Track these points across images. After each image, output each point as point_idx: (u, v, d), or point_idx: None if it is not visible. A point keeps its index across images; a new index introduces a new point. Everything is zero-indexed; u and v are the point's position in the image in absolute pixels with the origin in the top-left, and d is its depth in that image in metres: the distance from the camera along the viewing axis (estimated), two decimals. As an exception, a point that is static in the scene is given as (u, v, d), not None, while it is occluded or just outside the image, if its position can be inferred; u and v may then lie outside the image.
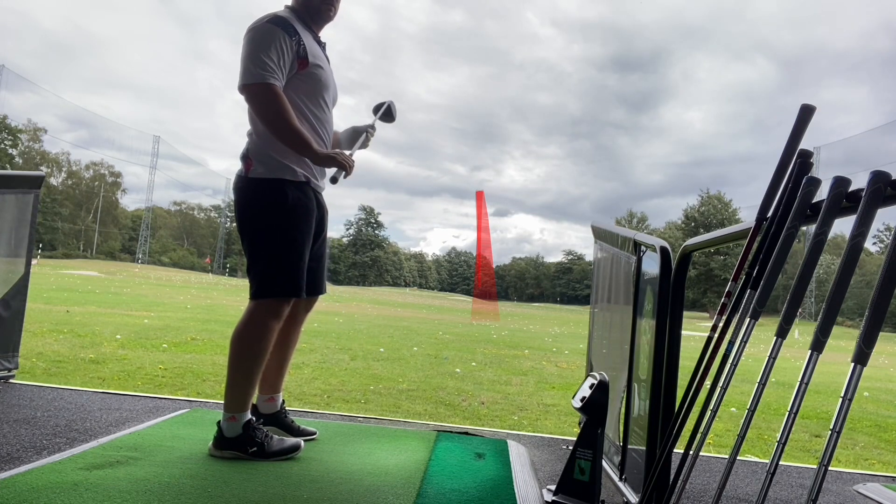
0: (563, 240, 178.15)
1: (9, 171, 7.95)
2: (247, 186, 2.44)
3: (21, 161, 61.08)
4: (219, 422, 2.40)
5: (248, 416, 2.40)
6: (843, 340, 20.93)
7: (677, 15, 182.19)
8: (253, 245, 2.46)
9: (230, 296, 23.19)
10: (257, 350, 2.41)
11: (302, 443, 2.49)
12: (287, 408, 2.83)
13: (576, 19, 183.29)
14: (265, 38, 2.34)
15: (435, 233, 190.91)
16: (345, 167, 2.49)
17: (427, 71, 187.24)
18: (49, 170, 68.32)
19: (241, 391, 2.39)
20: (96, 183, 76.58)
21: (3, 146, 58.40)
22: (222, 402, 2.45)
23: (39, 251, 48.20)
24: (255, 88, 2.31)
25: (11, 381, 3.56)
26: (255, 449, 2.35)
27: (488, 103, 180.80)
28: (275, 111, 2.32)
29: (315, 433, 2.78)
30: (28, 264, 3.67)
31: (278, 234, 2.42)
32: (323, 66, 2.52)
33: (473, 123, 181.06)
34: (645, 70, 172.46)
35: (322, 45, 2.60)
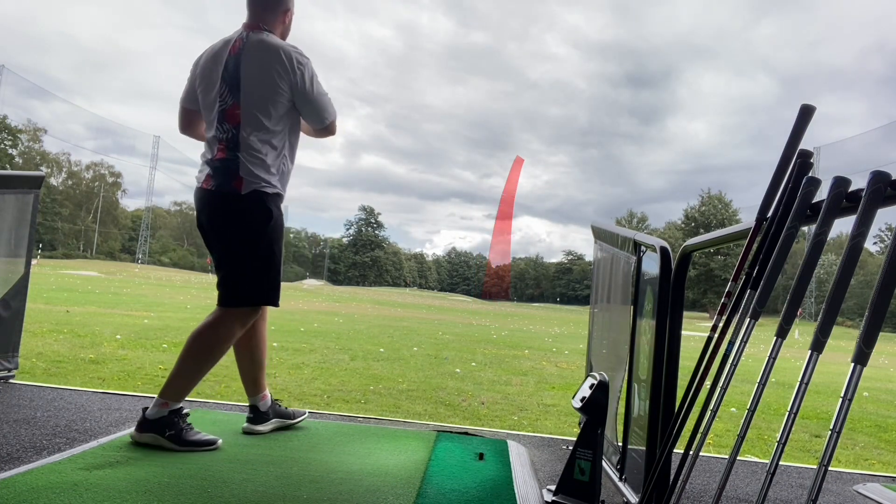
0: (567, 242, 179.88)
1: (9, 171, 7.94)
2: (237, 201, 2.50)
3: (21, 161, 61.03)
4: (144, 408, 2.46)
5: (179, 406, 2.48)
6: (843, 340, 20.93)
7: (687, 36, 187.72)
8: (239, 257, 2.55)
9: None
10: (215, 353, 2.53)
11: (220, 440, 2.50)
12: (288, 408, 2.87)
13: (595, 41, 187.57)
14: (316, 74, 2.62)
15: (441, 235, 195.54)
16: None
17: (445, 85, 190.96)
18: (49, 170, 68.28)
19: (184, 384, 2.49)
20: (96, 183, 76.57)
21: (3, 146, 58.34)
22: (223, 402, 2.47)
23: (39, 251, 48.18)
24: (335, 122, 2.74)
25: (11, 381, 3.56)
26: (172, 433, 2.41)
27: (501, 115, 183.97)
28: None
29: (305, 413, 3.01)
30: (28, 264, 3.66)
31: (267, 247, 2.57)
32: None
33: (485, 133, 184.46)
34: (656, 87, 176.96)
35: None
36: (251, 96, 2.50)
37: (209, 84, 2.56)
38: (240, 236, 2.54)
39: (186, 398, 2.52)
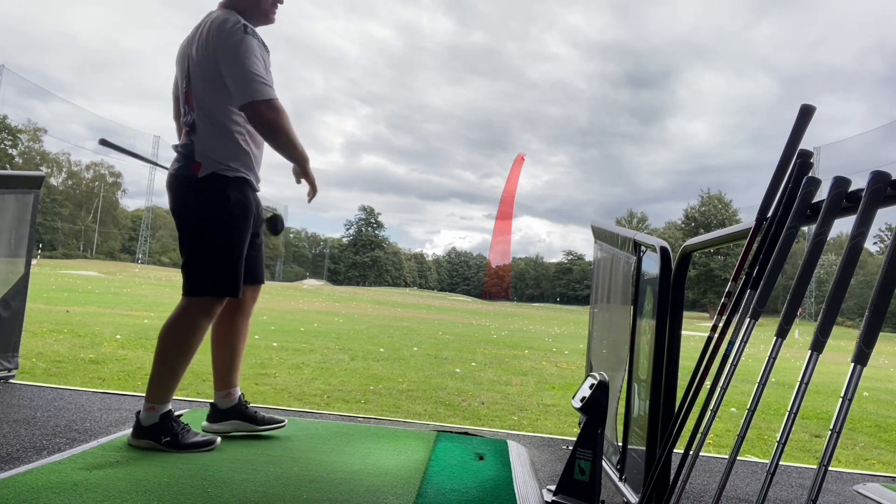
0: (567, 242, 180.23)
1: (9, 171, 7.95)
2: (193, 185, 2.43)
3: (21, 161, 61.04)
4: (138, 412, 2.42)
5: (168, 408, 2.43)
6: (843, 340, 20.93)
7: (687, 36, 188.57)
8: (195, 243, 2.46)
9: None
10: (186, 348, 2.45)
11: (218, 440, 2.49)
12: (288, 408, 2.83)
13: (595, 41, 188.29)
14: (252, 50, 2.34)
15: (441, 235, 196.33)
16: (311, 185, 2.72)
17: (445, 85, 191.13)
18: (49, 170, 68.28)
19: (164, 384, 2.42)
20: (96, 183, 76.60)
21: (3, 146, 58.34)
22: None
23: (39, 251, 48.18)
24: (272, 104, 2.34)
25: (11, 381, 3.56)
26: (168, 439, 2.38)
27: (501, 115, 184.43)
28: (287, 125, 2.40)
29: (283, 421, 2.76)
30: (28, 264, 3.66)
31: (222, 233, 2.44)
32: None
33: (485, 133, 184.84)
34: (656, 87, 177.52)
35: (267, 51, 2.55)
36: (197, 75, 2.42)
37: (181, 68, 2.53)
38: (196, 221, 2.46)
39: (185, 398, 2.51)
